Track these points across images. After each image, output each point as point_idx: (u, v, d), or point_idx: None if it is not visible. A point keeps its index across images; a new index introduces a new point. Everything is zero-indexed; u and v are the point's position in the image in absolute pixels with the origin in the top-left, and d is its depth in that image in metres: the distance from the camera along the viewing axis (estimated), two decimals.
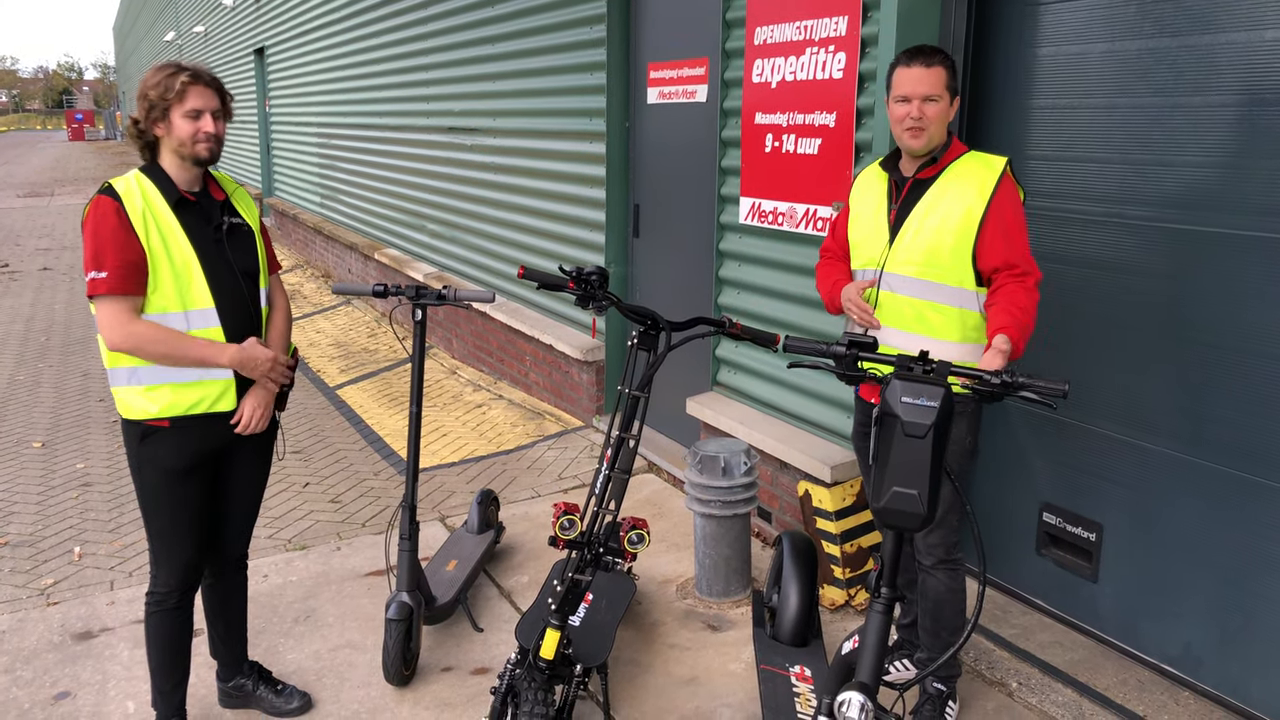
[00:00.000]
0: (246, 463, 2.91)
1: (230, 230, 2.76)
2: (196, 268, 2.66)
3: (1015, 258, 2.66)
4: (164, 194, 2.64)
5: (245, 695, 3.12)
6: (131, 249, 2.56)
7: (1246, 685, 2.97)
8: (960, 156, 2.76)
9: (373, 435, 5.93)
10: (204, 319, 2.68)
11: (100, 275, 2.53)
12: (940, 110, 2.68)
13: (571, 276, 2.85)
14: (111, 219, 2.55)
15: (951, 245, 2.68)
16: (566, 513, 2.77)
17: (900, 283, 2.76)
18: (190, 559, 2.80)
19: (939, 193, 2.72)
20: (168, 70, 2.63)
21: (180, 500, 2.73)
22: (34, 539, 4.50)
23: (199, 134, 2.63)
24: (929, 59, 2.68)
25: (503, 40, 6.47)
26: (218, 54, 18.54)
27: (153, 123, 2.63)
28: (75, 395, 6.91)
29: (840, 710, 2.01)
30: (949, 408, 2.05)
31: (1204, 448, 3.00)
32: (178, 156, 2.66)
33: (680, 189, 5.05)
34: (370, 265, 9.63)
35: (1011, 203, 2.69)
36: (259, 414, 2.78)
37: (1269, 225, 2.77)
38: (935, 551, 2.84)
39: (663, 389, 5.30)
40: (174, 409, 2.66)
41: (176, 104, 2.60)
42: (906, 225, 2.76)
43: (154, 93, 2.61)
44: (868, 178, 2.95)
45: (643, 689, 3.25)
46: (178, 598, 2.82)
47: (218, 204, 2.77)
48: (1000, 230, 2.65)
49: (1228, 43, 2.82)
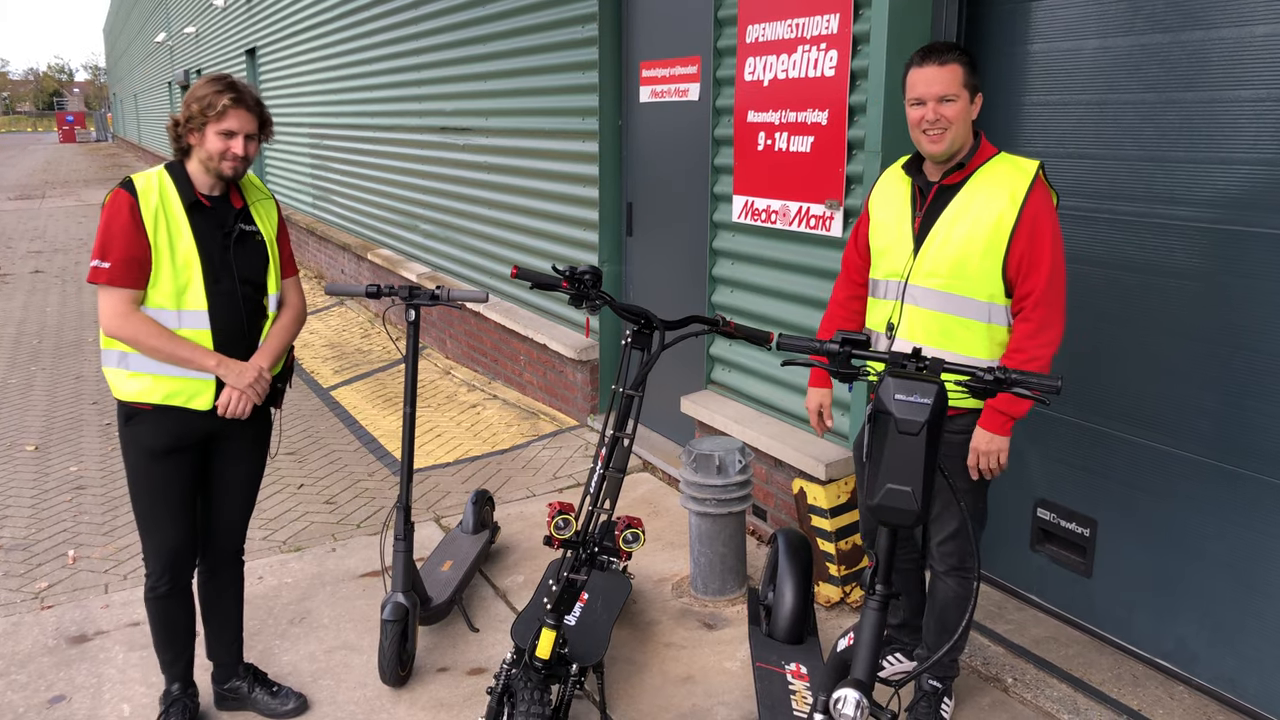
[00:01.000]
0: (237, 456, 2.96)
1: (240, 238, 2.83)
2: (197, 270, 2.74)
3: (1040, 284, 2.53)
4: (181, 195, 2.73)
5: (240, 698, 3.13)
6: (138, 245, 2.66)
7: (1241, 679, 2.98)
8: (989, 160, 2.62)
9: (367, 436, 5.93)
10: (195, 320, 2.75)
11: (103, 265, 2.65)
12: (959, 110, 2.55)
13: (565, 276, 2.84)
14: (124, 214, 2.66)
15: (980, 256, 2.55)
16: (561, 512, 2.77)
17: (925, 295, 2.65)
18: (173, 544, 2.87)
19: (967, 199, 2.59)
20: (217, 86, 2.72)
21: (161, 482, 2.82)
22: (28, 542, 4.49)
23: (227, 153, 2.72)
24: (943, 57, 2.55)
25: (494, 39, 6.46)
26: (208, 55, 18.49)
27: (189, 130, 2.72)
28: (68, 398, 6.89)
29: (836, 707, 2.01)
30: (942, 405, 2.05)
31: (1196, 443, 3.01)
32: (203, 166, 2.75)
33: (673, 187, 5.05)
34: (363, 266, 9.62)
35: (1046, 209, 2.55)
36: (236, 399, 2.81)
37: (1257, 220, 2.78)
38: (949, 559, 2.82)
39: (657, 388, 5.31)
40: (152, 395, 2.77)
41: (215, 121, 2.69)
42: (932, 234, 2.63)
43: (197, 105, 2.70)
44: (890, 182, 2.82)
45: (639, 688, 3.25)
46: (168, 584, 2.90)
47: (234, 211, 2.83)
48: (1030, 239, 2.52)
49: (1219, 38, 2.82)
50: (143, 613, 3.76)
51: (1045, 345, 2.55)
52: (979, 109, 2.64)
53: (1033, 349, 2.55)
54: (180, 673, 3.05)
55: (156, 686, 3.28)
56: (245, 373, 2.80)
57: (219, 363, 2.77)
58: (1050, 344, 2.56)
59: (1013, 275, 2.56)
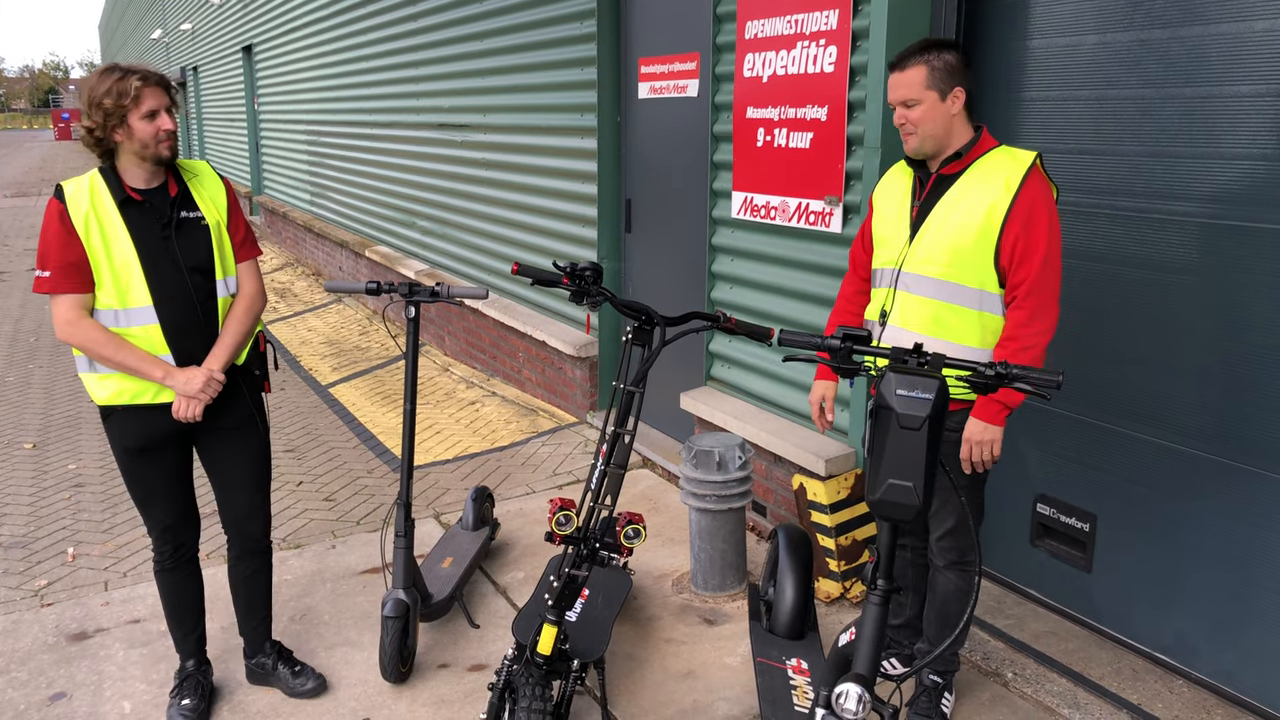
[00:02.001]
0: (224, 446, 3.02)
1: (180, 226, 2.82)
2: (136, 266, 2.75)
3: (1033, 272, 2.52)
4: (112, 193, 2.74)
5: (265, 673, 3.25)
6: (72, 250, 2.70)
7: (1240, 673, 2.99)
8: (989, 151, 2.64)
9: (366, 433, 5.92)
10: (141, 316, 2.78)
11: (44, 274, 2.71)
12: (924, 112, 2.59)
13: (566, 272, 2.84)
14: (55, 221, 2.70)
15: (973, 243, 2.57)
16: (563, 508, 2.77)
17: (917, 283, 2.68)
18: (168, 522, 2.99)
19: (963, 188, 2.62)
20: (115, 75, 2.67)
21: (141, 475, 2.92)
22: (27, 540, 4.48)
23: (160, 133, 2.71)
24: (903, 62, 2.61)
25: (492, 36, 6.46)
26: (205, 52, 18.45)
27: (111, 130, 2.68)
28: (66, 396, 6.88)
29: (838, 702, 2.02)
30: (944, 400, 2.05)
31: (1196, 437, 3.02)
32: (138, 158, 2.73)
33: (672, 184, 5.05)
34: (361, 263, 9.61)
35: (1043, 199, 2.54)
36: (186, 405, 2.82)
37: (1257, 215, 2.79)
38: (948, 554, 2.83)
39: (657, 384, 5.31)
40: (120, 397, 2.83)
41: (134, 108, 2.66)
42: (928, 222, 2.66)
43: (109, 100, 2.64)
44: (893, 174, 2.87)
45: (640, 683, 3.26)
46: (171, 560, 3.04)
47: (170, 200, 2.81)
48: (1023, 227, 2.52)
49: (1218, 34, 2.83)
50: (142, 610, 3.77)
51: (1039, 334, 2.56)
52: (960, 103, 2.62)
53: (1026, 337, 2.56)
54: (192, 649, 3.15)
55: (157, 683, 3.28)
56: (192, 380, 2.80)
57: (165, 374, 2.79)
58: (1044, 333, 2.57)
59: (1005, 263, 2.58)
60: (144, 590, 3.94)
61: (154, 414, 2.85)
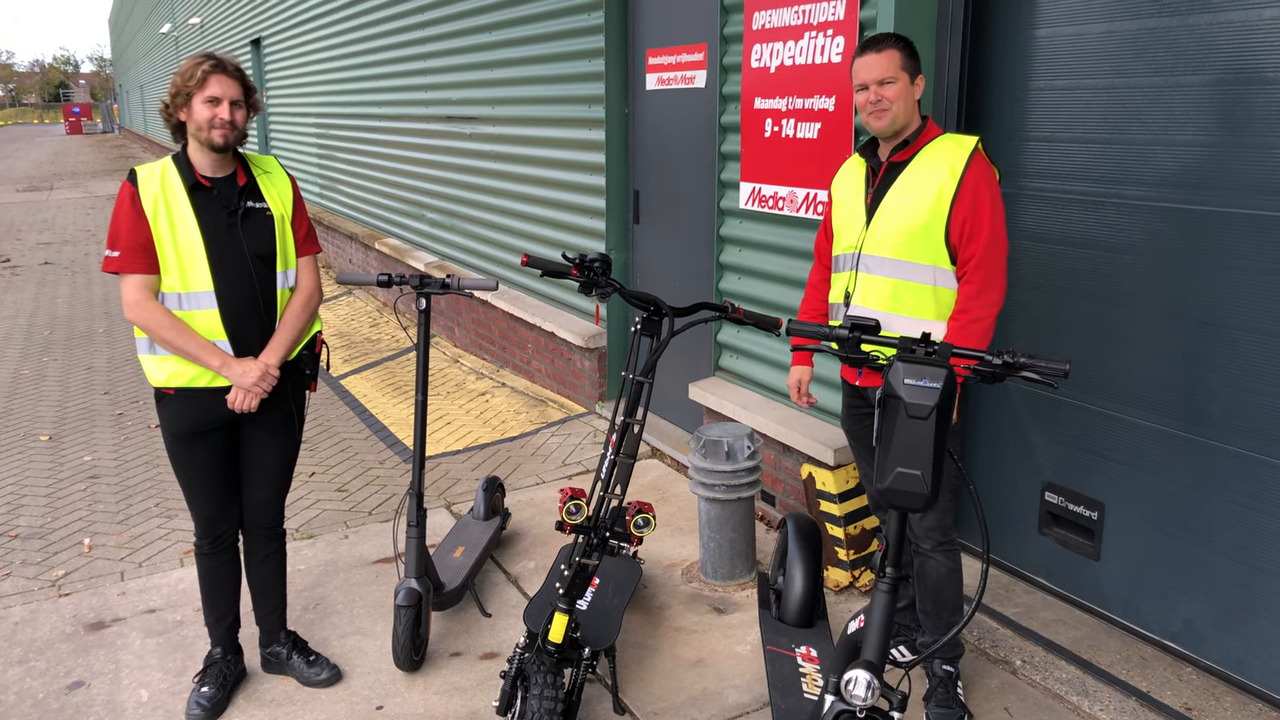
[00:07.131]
0: (259, 439, 3.08)
1: (246, 214, 2.90)
2: (200, 251, 2.83)
3: (980, 248, 2.69)
4: (183, 178, 2.83)
5: (280, 662, 3.29)
6: (140, 231, 2.79)
7: (1249, 660, 2.99)
8: (934, 139, 2.81)
9: (377, 424, 5.96)
10: (202, 300, 2.85)
11: (113, 254, 2.80)
12: (899, 91, 2.74)
13: (575, 264, 2.86)
14: (126, 203, 2.79)
15: (925, 224, 2.73)
16: (573, 498, 2.79)
17: (876, 263, 2.83)
18: (208, 514, 3.05)
19: (912, 174, 2.79)
20: (196, 59, 2.82)
21: (189, 461, 2.98)
22: (44, 531, 4.53)
23: (215, 119, 2.79)
24: (879, 45, 2.77)
25: (500, 28, 6.46)
26: (214, 45, 18.49)
27: (177, 108, 2.82)
28: (80, 389, 6.94)
29: (847, 689, 2.04)
30: (951, 389, 2.07)
31: (1204, 425, 3.02)
32: (198, 142, 2.84)
33: (680, 175, 5.06)
34: (370, 255, 9.64)
35: (986, 180, 2.72)
36: (242, 398, 2.91)
37: (1267, 204, 2.78)
38: (933, 535, 2.88)
39: (665, 374, 5.32)
40: (177, 379, 2.89)
41: (198, 90, 2.79)
42: (881, 207, 2.83)
43: (179, 79, 2.81)
44: (848, 166, 3.04)
45: (651, 671, 3.28)
46: (209, 545, 3.10)
47: (238, 189, 2.90)
48: (970, 207, 2.69)
49: (1226, 22, 2.82)
50: (158, 600, 3.81)
51: (988, 305, 2.72)
52: (921, 89, 2.81)
53: (976, 309, 2.72)
54: (221, 636, 3.20)
55: (174, 672, 3.32)
56: (249, 373, 2.88)
57: (223, 363, 2.86)
58: (993, 304, 2.73)
59: (955, 240, 2.74)
60: (159, 580, 3.98)
61: (208, 399, 2.91)
